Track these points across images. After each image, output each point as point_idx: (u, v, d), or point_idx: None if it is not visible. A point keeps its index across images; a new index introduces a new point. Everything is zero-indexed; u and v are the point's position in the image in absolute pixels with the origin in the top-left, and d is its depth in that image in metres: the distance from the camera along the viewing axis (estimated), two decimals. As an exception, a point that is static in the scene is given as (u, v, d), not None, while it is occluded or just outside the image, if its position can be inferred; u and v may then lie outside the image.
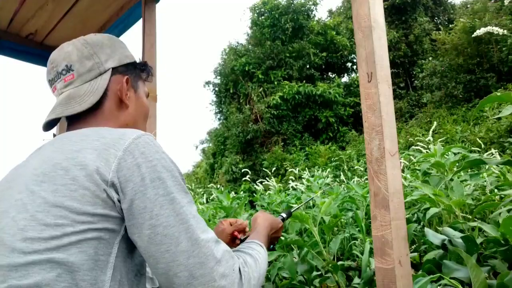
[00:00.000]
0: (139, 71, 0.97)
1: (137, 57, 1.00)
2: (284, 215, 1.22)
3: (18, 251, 0.63)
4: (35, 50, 2.61)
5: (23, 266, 0.62)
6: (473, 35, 1.55)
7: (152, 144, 0.74)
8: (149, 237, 0.66)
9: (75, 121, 0.85)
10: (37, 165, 0.72)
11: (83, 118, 0.84)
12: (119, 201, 0.67)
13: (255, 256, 0.83)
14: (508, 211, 1.63)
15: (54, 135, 0.90)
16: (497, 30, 1.41)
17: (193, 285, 0.66)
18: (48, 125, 0.87)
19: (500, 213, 1.72)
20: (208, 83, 16.59)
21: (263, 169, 8.69)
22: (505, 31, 1.42)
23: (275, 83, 14.44)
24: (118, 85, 0.88)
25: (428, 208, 1.94)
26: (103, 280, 0.65)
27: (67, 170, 0.67)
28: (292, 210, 1.29)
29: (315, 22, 16.13)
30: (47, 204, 0.65)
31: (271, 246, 1.12)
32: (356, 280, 1.80)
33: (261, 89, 14.38)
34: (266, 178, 4.48)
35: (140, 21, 2.15)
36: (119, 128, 0.78)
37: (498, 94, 1.24)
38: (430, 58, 13.54)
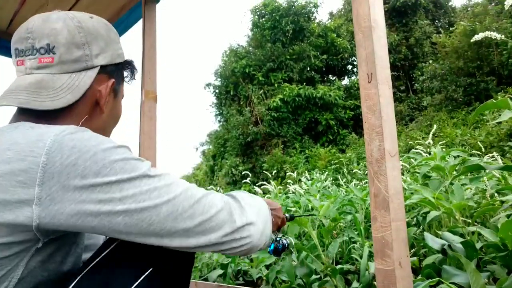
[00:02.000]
0: (123, 71, 0.86)
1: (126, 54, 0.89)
2: (287, 215, 1.17)
3: None
4: (34, 50, 2.61)
5: None
6: (471, 40, 1.54)
7: (80, 132, 0.62)
8: (125, 223, 0.61)
9: (33, 112, 0.68)
10: None
11: (42, 112, 0.68)
12: (37, 221, 0.57)
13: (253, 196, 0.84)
14: (508, 216, 1.62)
15: None
16: (495, 35, 1.40)
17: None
18: None
19: (499, 218, 1.71)
20: (208, 85, 16.60)
21: (263, 171, 8.68)
22: (503, 36, 1.41)
23: (276, 85, 14.45)
24: (101, 86, 0.76)
25: (427, 212, 1.93)
26: None
27: None
28: (295, 216, 1.26)
29: (315, 25, 16.15)
30: None
31: (279, 232, 1.07)
32: (355, 284, 1.78)
33: (262, 91, 14.38)
34: (266, 181, 4.46)
35: (140, 22, 2.15)
36: (54, 127, 0.64)
37: (495, 100, 1.24)
38: (431, 61, 13.56)
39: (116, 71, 0.81)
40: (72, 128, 0.63)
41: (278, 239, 1.08)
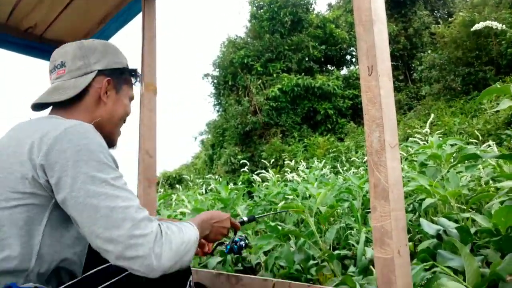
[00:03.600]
0: (127, 76, 1.12)
1: (133, 63, 1.16)
2: (245, 218, 1.34)
3: None
4: (34, 44, 2.59)
5: None
6: (472, 29, 1.56)
7: (82, 132, 0.86)
8: (72, 206, 0.80)
9: (58, 108, 1.01)
10: None
11: (64, 107, 1.00)
12: (47, 181, 0.82)
13: (181, 227, 0.91)
14: (501, 202, 1.66)
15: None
16: (495, 25, 1.42)
17: (113, 244, 0.78)
18: (36, 107, 1.04)
19: (493, 204, 1.75)
20: (207, 75, 16.51)
21: (262, 160, 8.72)
22: (504, 25, 1.43)
23: (274, 75, 14.39)
24: (100, 84, 1.03)
25: (423, 199, 1.97)
26: (32, 244, 0.82)
27: (8, 156, 0.86)
28: (256, 217, 1.41)
29: (314, 16, 16.01)
30: None
31: (235, 235, 1.25)
32: (352, 268, 1.83)
33: (260, 81, 14.32)
34: (264, 169, 4.50)
35: (140, 15, 2.15)
36: (68, 120, 0.91)
37: (499, 86, 1.26)
38: (429, 51, 13.48)
39: (113, 73, 1.07)
40: (78, 125, 0.88)
41: (236, 240, 1.27)
